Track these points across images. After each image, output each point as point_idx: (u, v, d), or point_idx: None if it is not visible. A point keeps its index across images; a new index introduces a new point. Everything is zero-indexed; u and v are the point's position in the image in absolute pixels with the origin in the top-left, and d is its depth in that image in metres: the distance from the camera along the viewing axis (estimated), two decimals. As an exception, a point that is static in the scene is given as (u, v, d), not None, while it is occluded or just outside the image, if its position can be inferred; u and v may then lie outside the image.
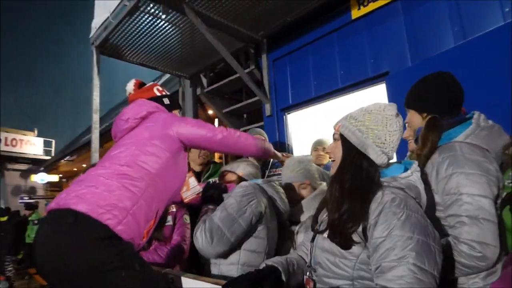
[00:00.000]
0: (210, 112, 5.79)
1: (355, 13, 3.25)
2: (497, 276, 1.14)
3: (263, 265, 1.20)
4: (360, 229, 1.00)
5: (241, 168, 1.86)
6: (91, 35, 4.24)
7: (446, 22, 2.66)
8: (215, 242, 1.40)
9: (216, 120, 6.18)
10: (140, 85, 1.83)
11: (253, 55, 4.28)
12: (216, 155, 7.47)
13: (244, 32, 3.90)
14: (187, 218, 2.08)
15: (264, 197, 1.56)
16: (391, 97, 2.87)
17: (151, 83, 1.86)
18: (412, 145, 1.75)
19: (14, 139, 17.99)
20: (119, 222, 1.17)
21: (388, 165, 1.14)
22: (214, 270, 1.54)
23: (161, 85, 1.87)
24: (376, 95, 3.08)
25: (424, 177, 1.31)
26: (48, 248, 1.15)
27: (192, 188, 2.14)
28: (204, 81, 5.09)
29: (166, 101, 1.74)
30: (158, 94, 1.77)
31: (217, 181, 1.96)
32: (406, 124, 1.61)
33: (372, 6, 3.11)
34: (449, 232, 1.21)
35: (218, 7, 3.45)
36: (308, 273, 1.19)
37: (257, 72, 4.21)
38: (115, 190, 1.22)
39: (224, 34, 3.90)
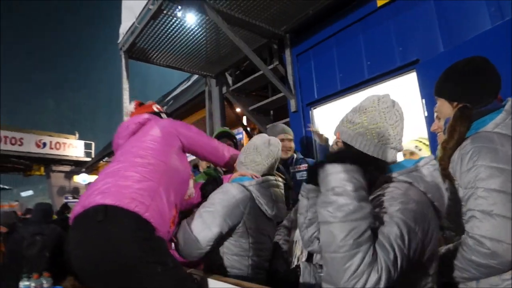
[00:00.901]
0: (238, 110, 5.80)
1: (380, 1, 3.10)
2: None
3: None
4: None
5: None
6: (119, 40, 4.39)
7: (481, 2, 2.47)
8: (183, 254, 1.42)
9: (244, 118, 6.19)
10: (140, 104, 1.94)
11: (276, 51, 4.23)
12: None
13: (266, 28, 3.86)
14: None
15: (244, 205, 1.49)
16: (423, 86, 2.73)
17: (149, 102, 1.97)
18: (442, 138, 1.64)
19: (58, 142, 19.07)
20: (146, 208, 1.20)
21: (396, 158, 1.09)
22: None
23: (188, 87, 1.98)
24: (406, 84, 2.93)
25: (447, 172, 1.24)
26: (83, 253, 1.17)
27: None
28: (230, 79, 5.11)
29: (164, 116, 1.83)
30: (157, 110, 1.86)
31: None
32: (435, 114, 1.51)
33: (398, -8, 2.96)
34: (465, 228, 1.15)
35: (239, 5, 3.44)
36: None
37: (281, 68, 4.16)
38: (135, 180, 1.27)
39: (246, 32, 3.89)
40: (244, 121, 6.20)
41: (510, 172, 1.08)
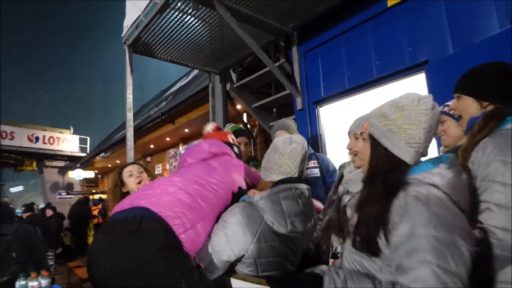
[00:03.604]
0: (239, 107, 5.79)
1: (391, 0, 3.11)
2: None
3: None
4: (383, 232, 0.96)
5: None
6: (123, 34, 4.34)
7: (491, 5, 2.49)
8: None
9: (245, 115, 6.18)
10: (218, 128, 2.04)
11: (283, 48, 4.22)
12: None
13: (274, 25, 3.85)
14: None
15: (251, 231, 1.31)
16: (431, 87, 2.74)
17: (227, 130, 2.17)
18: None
19: (51, 137, 18.81)
20: (185, 230, 1.20)
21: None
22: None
23: (188, 83, 2.01)
24: (415, 85, 2.94)
25: (466, 164, 1.27)
26: (108, 262, 1.14)
27: None
28: (234, 76, 5.10)
29: (236, 149, 1.90)
30: (231, 142, 1.93)
31: None
32: (452, 112, 1.54)
33: (409, -8, 2.96)
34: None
35: (248, 1, 3.42)
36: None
37: (287, 65, 4.15)
38: (187, 200, 1.28)
39: (253, 28, 3.87)
40: (245, 118, 6.19)
41: None
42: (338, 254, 1.32)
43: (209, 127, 2.01)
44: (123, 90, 4.31)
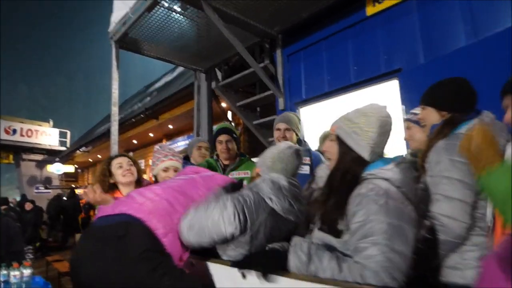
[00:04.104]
0: (224, 105, 5.91)
1: (370, 10, 3.31)
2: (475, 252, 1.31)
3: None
4: (344, 218, 1.12)
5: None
6: (110, 29, 4.38)
7: (459, 21, 2.72)
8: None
9: (230, 113, 6.30)
10: None
11: (268, 50, 4.38)
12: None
13: (260, 28, 4.00)
14: None
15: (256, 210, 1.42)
16: (404, 94, 2.96)
17: None
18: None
19: (29, 129, 18.25)
20: (166, 234, 1.30)
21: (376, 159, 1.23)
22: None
23: (173, 79, 2.05)
24: (388, 91, 3.15)
25: (425, 165, 1.47)
26: (95, 266, 1.22)
27: None
28: (219, 74, 5.21)
29: None
30: None
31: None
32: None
33: (387, 3, 3.17)
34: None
35: (235, 3, 3.55)
36: None
37: (271, 67, 4.31)
38: (167, 206, 1.37)
39: (240, 29, 4.00)
40: (229, 116, 6.31)
41: (468, 165, 1.32)
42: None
43: None
44: (106, 84, 4.35)
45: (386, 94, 3.16)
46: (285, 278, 1.13)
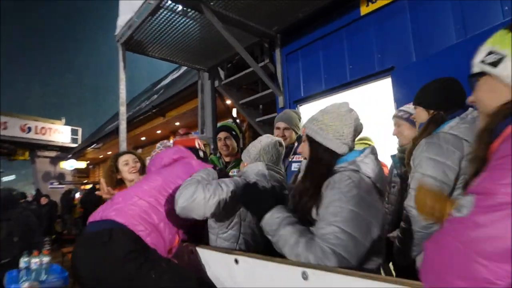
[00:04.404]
0: (229, 102, 6.06)
1: (364, 10, 3.40)
2: None
3: None
4: (316, 207, 1.23)
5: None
6: (116, 32, 4.56)
7: (449, 19, 2.80)
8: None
9: (234, 110, 6.44)
10: (186, 133, 2.21)
11: (267, 49, 4.50)
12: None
13: (259, 28, 4.12)
14: None
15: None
16: (396, 91, 3.05)
17: (195, 136, 2.25)
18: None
19: (43, 127, 18.85)
20: (148, 234, 1.45)
21: (348, 152, 1.33)
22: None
23: (179, 77, 2.18)
24: (381, 89, 3.25)
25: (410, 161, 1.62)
26: (88, 268, 1.41)
27: None
28: (222, 73, 5.35)
29: (201, 154, 2.07)
30: (197, 147, 2.09)
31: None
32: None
33: (380, 3, 3.26)
34: None
35: (234, 5, 3.68)
36: None
37: (271, 66, 4.43)
38: (146, 207, 1.52)
39: (239, 30, 4.13)
40: (234, 113, 6.45)
41: (444, 163, 1.47)
42: None
43: (178, 135, 2.17)
44: (114, 82, 4.53)
45: (380, 92, 3.27)
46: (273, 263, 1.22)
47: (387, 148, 2.62)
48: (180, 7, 3.78)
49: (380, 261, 1.24)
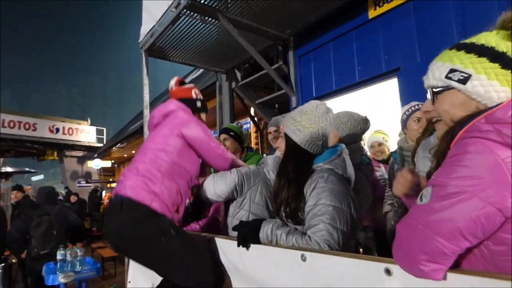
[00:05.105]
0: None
1: (372, 13, 3.56)
2: None
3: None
4: (302, 206, 1.35)
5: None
6: (139, 40, 4.89)
7: (451, 23, 2.93)
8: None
9: (252, 109, 6.67)
10: (181, 82, 2.10)
11: (281, 52, 4.71)
12: (253, 141, 8.01)
13: (273, 32, 4.35)
14: None
15: (252, 177, 1.82)
16: (402, 91, 3.21)
17: (191, 85, 2.12)
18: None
19: (70, 128, 19.61)
20: (152, 200, 1.63)
21: (322, 151, 1.45)
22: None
23: (199, 82, 2.20)
24: (388, 89, 3.41)
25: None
26: (111, 232, 1.65)
27: None
28: (239, 75, 5.60)
29: (199, 104, 2.01)
30: (195, 97, 2.02)
31: None
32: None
33: (386, 7, 3.41)
34: None
35: (249, 12, 3.92)
36: None
37: (284, 67, 4.64)
38: (146, 176, 1.68)
39: (254, 35, 4.37)
40: (252, 112, 6.69)
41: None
42: None
43: (172, 83, 2.05)
44: (137, 82, 4.83)
45: (387, 92, 3.42)
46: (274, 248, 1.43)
47: (393, 144, 2.80)
48: (198, 16, 4.04)
49: (353, 242, 1.45)
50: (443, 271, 0.81)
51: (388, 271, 0.98)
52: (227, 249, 1.73)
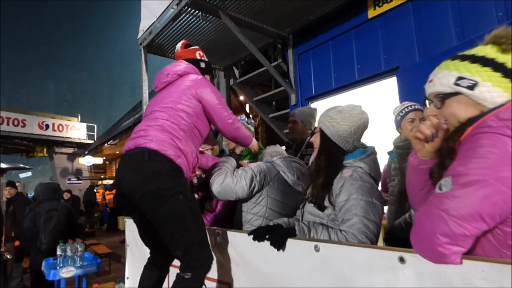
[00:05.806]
0: (241, 98, 6.32)
1: (371, 13, 3.63)
2: None
3: (272, 223, 1.63)
4: (328, 196, 1.46)
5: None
6: (138, 36, 4.88)
7: (449, 23, 3.03)
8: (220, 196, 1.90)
9: (247, 105, 6.71)
10: (186, 45, 2.19)
11: (280, 50, 4.76)
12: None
13: (272, 30, 4.40)
14: None
15: (268, 173, 1.88)
16: (401, 90, 3.28)
17: (195, 47, 2.16)
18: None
19: (60, 124, 19.19)
20: (178, 156, 1.66)
21: (354, 150, 1.54)
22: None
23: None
24: (387, 87, 3.48)
25: None
26: (131, 179, 1.59)
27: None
28: (236, 72, 5.63)
29: (203, 65, 2.07)
30: (199, 58, 2.09)
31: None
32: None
33: (386, 7, 3.49)
34: None
35: (250, 10, 3.96)
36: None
37: (283, 65, 4.69)
38: (172, 133, 1.70)
39: (254, 32, 4.41)
40: (247, 109, 6.73)
41: None
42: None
43: (178, 46, 2.13)
44: (126, 78, 4.84)
45: (386, 91, 3.50)
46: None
47: (390, 143, 2.87)
48: (199, 13, 4.06)
49: None
50: (461, 255, 0.88)
51: (402, 259, 1.05)
52: (236, 241, 1.77)
